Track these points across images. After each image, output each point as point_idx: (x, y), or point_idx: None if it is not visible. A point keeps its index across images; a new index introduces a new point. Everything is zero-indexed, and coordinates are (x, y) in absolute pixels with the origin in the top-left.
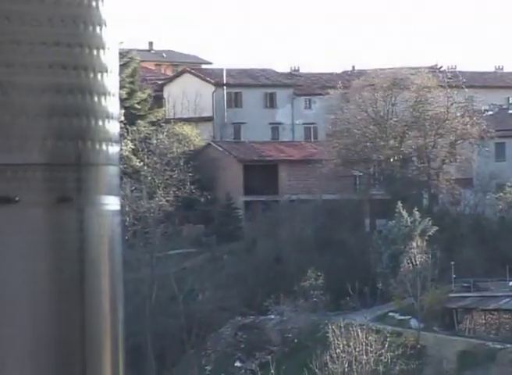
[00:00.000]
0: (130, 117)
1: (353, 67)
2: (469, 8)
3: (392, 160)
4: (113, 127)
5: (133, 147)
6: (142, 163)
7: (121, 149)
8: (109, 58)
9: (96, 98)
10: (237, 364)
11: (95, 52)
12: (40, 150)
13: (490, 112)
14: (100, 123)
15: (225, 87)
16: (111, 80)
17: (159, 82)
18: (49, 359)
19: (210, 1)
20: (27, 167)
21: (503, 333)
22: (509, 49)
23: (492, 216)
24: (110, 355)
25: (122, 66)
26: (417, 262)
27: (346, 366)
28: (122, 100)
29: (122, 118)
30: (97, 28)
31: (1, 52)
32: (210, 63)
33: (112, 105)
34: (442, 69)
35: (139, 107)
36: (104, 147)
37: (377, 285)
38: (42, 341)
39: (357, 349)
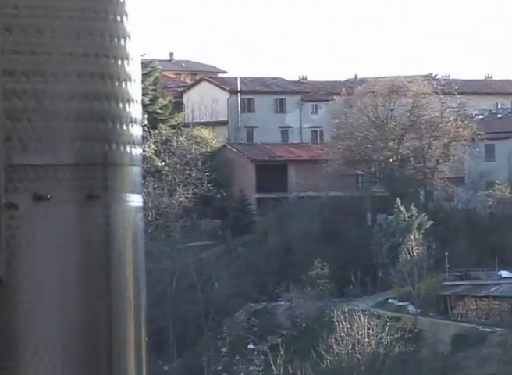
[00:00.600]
0: (153, 121)
1: (356, 76)
2: (463, 20)
3: (391, 160)
4: (136, 131)
5: (155, 148)
6: (163, 163)
7: (143, 151)
8: (133, 68)
9: (120, 105)
10: (250, 346)
11: (120, 62)
12: (69, 152)
13: (480, 117)
14: (124, 127)
15: (239, 94)
16: (134, 88)
17: (179, 89)
18: (78, 342)
19: (226, 16)
20: (58, 167)
21: (493, 317)
22: (498, 59)
23: (482, 211)
24: (134, 338)
25: (145, 75)
26: (414, 253)
27: (350, 347)
28: (145, 106)
29: (145, 122)
30: (122, 40)
31: (34, 63)
32: (225, 72)
33: (135, 110)
34: (436, 77)
35: (161, 112)
36: (128, 149)
37: (377, 274)
38: (71, 325)
39: (360, 333)
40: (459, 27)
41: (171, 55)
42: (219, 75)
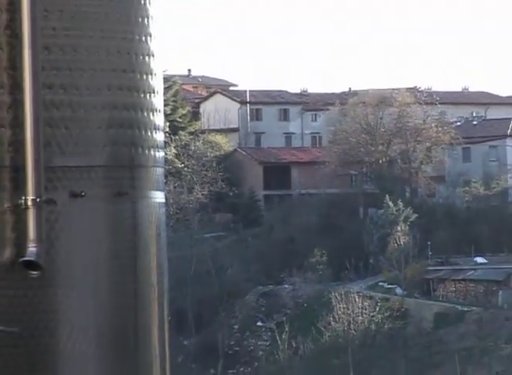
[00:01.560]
0: (173, 129)
1: (350, 88)
2: (444, 39)
3: (380, 162)
4: (159, 137)
5: (175, 152)
6: (183, 165)
7: (165, 154)
8: (156, 82)
9: (145, 114)
10: (259, 324)
11: (145, 77)
12: (101, 155)
13: (458, 124)
14: (148, 133)
15: (248, 105)
16: (157, 99)
17: (196, 101)
18: (108, 322)
19: (237, 37)
20: (91, 168)
21: (469, 298)
22: (473, 74)
23: (460, 205)
24: (157, 317)
25: (167, 88)
26: (401, 242)
27: (346, 325)
28: (166, 115)
29: (167, 129)
30: (147, 58)
31: (70, 77)
32: (236, 85)
33: (158, 119)
34: (419, 89)
35: (180, 120)
36: (152, 152)
37: (369, 261)
38: (103, 307)
39: (354, 312)
40: (440, 45)
41: (189, 71)
42: (231, 88)
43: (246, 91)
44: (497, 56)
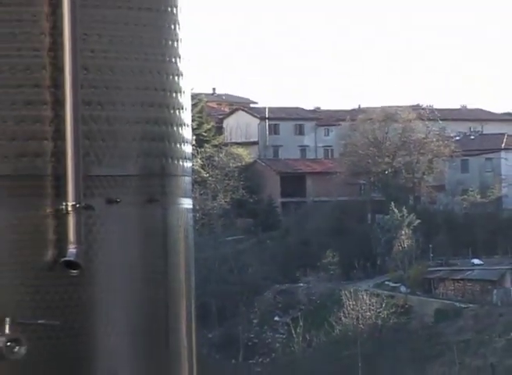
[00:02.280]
0: (199, 142)
1: (359, 106)
2: (444, 59)
3: (386, 172)
4: (187, 149)
5: (201, 163)
6: (208, 175)
7: (193, 164)
8: (184, 99)
9: (175, 128)
10: (276, 318)
11: (174, 95)
12: (134, 165)
13: (457, 138)
14: (178, 145)
15: (267, 120)
16: (185, 115)
17: (220, 116)
18: (141, 317)
19: (257, 59)
20: (126, 177)
21: (467, 296)
22: (471, 93)
23: (459, 212)
24: (185, 312)
25: (193, 105)
26: (405, 245)
27: (355, 319)
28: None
29: (194, 142)
30: (176, 77)
31: (107, 95)
32: (256, 103)
33: (186, 132)
34: (422, 106)
35: (205, 134)
36: (180, 163)
37: (376, 261)
38: (136, 303)
39: (363, 308)
40: (440, 66)
41: (213, 89)
42: (252, 105)
43: (265, 108)
44: (493, 77)
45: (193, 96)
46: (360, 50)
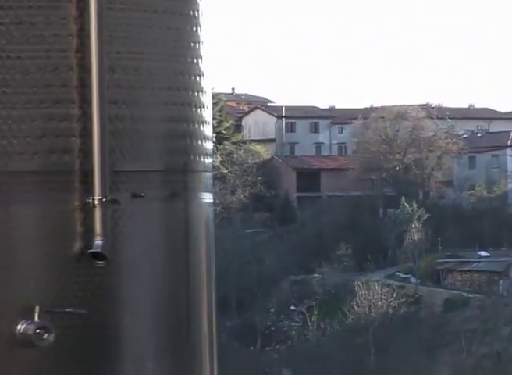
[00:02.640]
0: (219, 139)
1: (371, 105)
2: (453, 59)
3: (397, 168)
4: (208, 146)
5: (221, 159)
6: (227, 171)
7: (213, 161)
8: (206, 98)
9: (197, 126)
10: (292, 307)
11: (196, 94)
12: (158, 161)
13: (465, 136)
14: (199, 142)
15: (283, 119)
16: (206, 114)
17: (239, 115)
18: (164, 306)
19: (274, 60)
20: (149, 173)
21: (474, 286)
22: (478, 92)
23: (466, 206)
24: (206, 301)
25: (213, 104)
26: (415, 238)
27: (367, 309)
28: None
29: (214, 139)
30: (198, 77)
31: (132, 95)
32: (273, 102)
33: (207, 130)
34: (431, 106)
35: (225, 132)
36: (202, 159)
37: (387, 254)
38: (159, 293)
39: (374, 297)
40: (449, 66)
41: (233, 89)
42: (269, 104)
43: (282, 107)
44: (499, 77)
45: (214, 95)
46: (377, 49)
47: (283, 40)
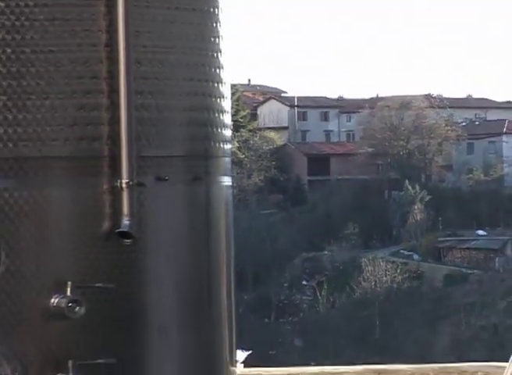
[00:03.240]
0: (236, 127)
1: (377, 95)
2: (452, 54)
3: (401, 154)
4: (227, 133)
5: (238, 146)
6: (244, 156)
7: (232, 147)
8: (225, 89)
9: (216, 114)
10: (303, 282)
11: (216, 85)
12: (181, 147)
13: (463, 124)
14: (219, 130)
15: (296, 108)
16: (226, 103)
17: (254, 104)
18: (186, 282)
19: (288, 52)
20: (173, 158)
21: (472, 263)
22: (476, 83)
23: (465, 189)
24: (226, 276)
25: (231, 94)
26: (418, 218)
27: (373, 283)
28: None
29: (231, 127)
30: (218, 69)
31: (157, 85)
32: (286, 92)
33: (226, 118)
34: (433, 96)
35: (241, 120)
36: (221, 145)
37: (392, 233)
38: (182, 270)
39: (380, 273)
40: (449, 61)
41: (249, 80)
42: (282, 94)
43: (294, 97)
44: (496, 68)
45: (231, 86)
46: (380, 46)
47: (297, 35)
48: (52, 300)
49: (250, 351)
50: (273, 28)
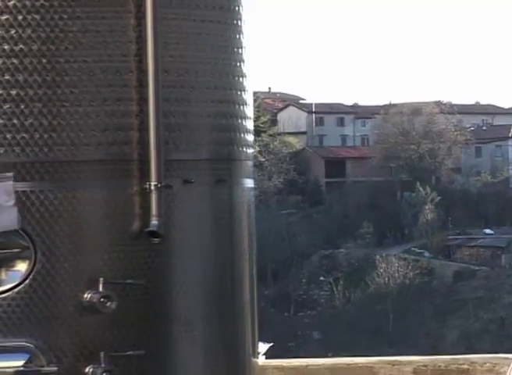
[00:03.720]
0: (257, 132)
1: (390, 102)
2: (463, 60)
3: (413, 157)
4: (249, 138)
5: (259, 149)
6: (264, 159)
7: (253, 151)
8: (247, 97)
9: (240, 120)
10: (321, 278)
11: (239, 93)
12: (206, 151)
13: (472, 128)
14: (242, 135)
15: (313, 114)
16: (248, 110)
17: (274, 111)
18: (211, 278)
19: (306, 63)
20: (198, 161)
21: (480, 260)
22: (485, 89)
23: (473, 190)
24: (248, 273)
25: (253, 101)
26: (428, 218)
27: (386, 279)
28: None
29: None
30: (241, 78)
31: (183, 93)
32: (305, 99)
33: (249, 124)
34: (443, 102)
35: (262, 126)
36: (244, 149)
37: (404, 231)
38: (206, 267)
39: (392, 269)
40: (459, 67)
41: (269, 88)
42: (301, 101)
43: (312, 104)
44: (503, 76)
45: (253, 94)
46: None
47: (314, 45)
48: (85, 295)
49: (271, 344)
50: (291, 38)
